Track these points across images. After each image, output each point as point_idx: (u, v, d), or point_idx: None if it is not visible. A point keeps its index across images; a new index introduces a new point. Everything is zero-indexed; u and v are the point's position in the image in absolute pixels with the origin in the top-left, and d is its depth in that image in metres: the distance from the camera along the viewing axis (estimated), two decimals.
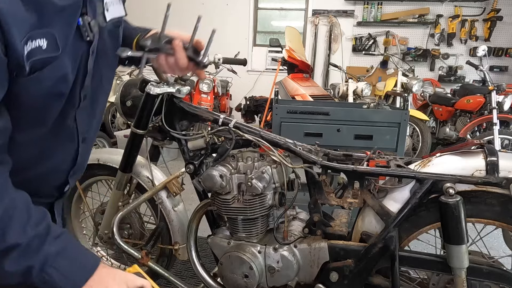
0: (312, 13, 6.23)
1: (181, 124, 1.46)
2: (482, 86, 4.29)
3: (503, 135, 3.71)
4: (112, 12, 0.79)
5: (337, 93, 4.55)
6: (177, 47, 0.88)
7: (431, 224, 1.17)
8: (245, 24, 6.46)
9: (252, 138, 1.29)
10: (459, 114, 4.41)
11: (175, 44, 0.86)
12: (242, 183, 1.29)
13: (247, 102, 5.10)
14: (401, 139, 2.21)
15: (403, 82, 4.45)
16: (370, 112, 2.33)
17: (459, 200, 1.05)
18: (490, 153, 1.09)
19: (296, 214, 1.40)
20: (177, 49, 0.88)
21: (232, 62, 1.87)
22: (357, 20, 6.09)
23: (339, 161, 1.33)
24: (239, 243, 1.34)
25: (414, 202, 1.13)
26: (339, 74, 5.49)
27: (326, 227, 1.30)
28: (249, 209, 1.28)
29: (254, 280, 1.29)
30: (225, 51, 3.45)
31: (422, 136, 4.10)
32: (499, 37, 5.76)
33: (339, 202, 1.28)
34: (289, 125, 2.26)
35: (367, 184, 1.24)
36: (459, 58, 5.90)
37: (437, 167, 1.15)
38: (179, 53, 0.87)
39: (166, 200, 1.61)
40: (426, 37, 5.97)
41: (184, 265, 2.03)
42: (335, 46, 6.20)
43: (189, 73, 1.10)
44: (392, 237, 1.15)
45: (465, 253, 1.07)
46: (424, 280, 1.28)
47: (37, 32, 0.61)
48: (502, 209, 1.10)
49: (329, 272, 1.25)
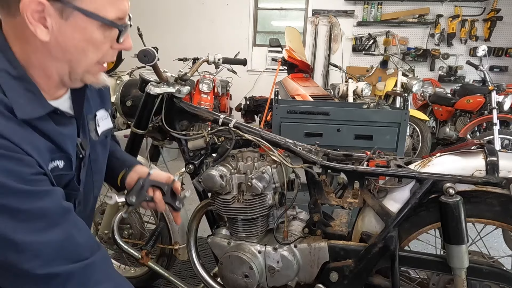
0: (312, 13, 6.23)
1: (181, 124, 1.46)
2: (482, 86, 4.28)
3: (503, 135, 3.70)
4: (102, 126, 0.94)
5: (337, 93, 4.54)
6: (157, 200, 1.00)
7: (431, 224, 1.17)
8: (245, 24, 6.46)
9: (252, 138, 1.29)
10: (459, 114, 4.40)
11: (155, 197, 0.99)
12: (242, 183, 1.29)
13: (247, 102, 5.10)
14: (401, 139, 2.21)
15: (403, 82, 4.45)
16: (370, 112, 2.33)
17: (459, 200, 1.05)
18: (490, 153, 1.09)
19: (296, 214, 1.40)
20: (157, 201, 1.00)
21: (232, 62, 1.86)
22: (357, 20, 6.09)
23: (339, 161, 1.33)
24: (239, 243, 1.34)
25: (414, 202, 1.13)
26: (339, 74, 5.49)
27: (326, 227, 1.30)
28: (249, 209, 1.28)
29: (254, 280, 1.29)
30: (225, 51, 3.45)
31: (422, 136, 4.09)
32: (499, 37, 5.76)
33: (339, 202, 1.28)
34: (289, 125, 2.26)
35: (367, 184, 1.24)
36: (459, 58, 5.90)
37: (437, 167, 1.15)
38: (159, 203, 1.00)
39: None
40: (426, 37, 5.96)
41: (184, 265, 2.03)
42: (335, 46, 6.19)
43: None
44: (392, 237, 1.15)
45: (465, 253, 1.07)
46: (424, 280, 1.28)
47: (56, 155, 0.76)
48: (502, 209, 1.10)
49: (329, 272, 1.25)
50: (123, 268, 1.89)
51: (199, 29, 6.52)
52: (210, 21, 6.51)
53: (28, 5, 0.64)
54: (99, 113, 0.94)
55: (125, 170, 1.06)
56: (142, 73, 1.44)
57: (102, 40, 0.74)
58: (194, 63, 2.20)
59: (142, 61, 1.24)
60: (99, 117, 0.94)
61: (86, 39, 0.72)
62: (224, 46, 6.25)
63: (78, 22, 0.69)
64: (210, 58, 1.64)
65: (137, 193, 0.96)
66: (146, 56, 1.23)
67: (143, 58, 1.24)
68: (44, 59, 0.72)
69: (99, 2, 0.69)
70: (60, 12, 0.67)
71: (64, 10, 0.67)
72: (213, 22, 6.51)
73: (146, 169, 1.06)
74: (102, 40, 0.74)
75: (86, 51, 0.74)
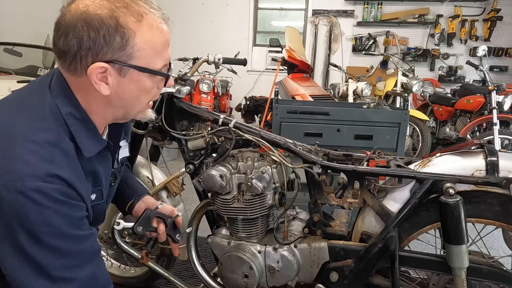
0: (312, 13, 6.23)
1: (181, 124, 1.46)
2: (482, 86, 4.28)
3: (503, 135, 3.70)
4: (121, 154, 1.04)
5: (337, 93, 4.54)
6: (160, 231, 1.09)
7: (431, 224, 1.17)
8: (245, 24, 6.46)
9: (252, 138, 1.29)
10: (459, 114, 4.40)
11: (159, 228, 1.08)
12: (242, 183, 1.29)
13: (247, 102, 5.10)
14: (401, 139, 2.21)
15: (403, 82, 4.44)
16: (370, 112, 2.33)
17: (459, 200, 1.05)
18: (490, 153, 1.09)
19: (296, 214, 1.40)
20: (160, 232, 1.09)
21: (232, 62, 1.86)
22: (357, 20, 6.09)
23: (339, 161, 1.33)
24: (239, 243, 1.34)
25: (414, 202, 1.13)
26: (339, 74, 5.48)
27: (326, 227, 1.30)
28: (249, 209, 1.28)
29: (254, 280, 1.29)
30: (225, 51, 3.45)
31: (422, 136, 4.09)
32: (499, 37, 5.76)
33: (339, 202, 1.28)
34: (289, 125, 2.26)
35: (367, 184, 1.24)
36: (459, 58, 5.90)
37: (437, 167, 1.15)
38: (161, 235, 1.09)
39: (166, 200, 1.61)
40: (426, 37, 5.96)
41: (184, 265, 2.03)
42: (335, 46, 6.19)
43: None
44: (392, 237, 1.15)
45: (465, 253, 1.07)
46: (424, 280, 1.28)
47: (95, 188, 0.87)
48: (502, 209, 1.10)
49: (329, 272, 1.25)
50: (123, 268, 1.89)
51: (199, 29, 6.52)
52: (210, 21, 6.51)
53: (94, 70, 0.75)
54: (122, 143, 1.04)
55: (134, 199, 1.14)
56: None
57: (152, 86, 0.84)
58: (194, 63, 2.20)
59: None
60: (122, 146, 1.04)
61: (140, 88, 0.82)
62: (224, 46, 6.25)
63: (134, 76, 0.79)
64: (210, 58, 1.64)
65: (143, 224, 1.05)
66: None
67: None
68: (103, 107, 0.83)
69: (149, 57, 0.79)
70: (119, 71, 0.78)
71: (122, 69, 0.77)
72: (213, 22, 6.51)
73: (153, 201, 1.15)
74: (152, 86, 0.84)
75: (140, 98, 0.84)
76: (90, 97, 0.80)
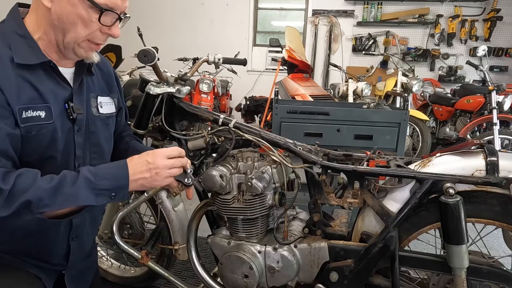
0: (312, 13, 6.23)
1: (181, 124, 1.46)
2: (482, 86, 4.28)
3: (503, 135, 3.70)
4: (105, 109, 1.14)
5: (337, 93, 4.54)
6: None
7: (431, 224, 1.17)
8: (245, 24, 6.46)
9: (252, 138, 1.29)
10: (459, 114, 4.40)
11: None
12: (242, 183, 1.29)
13: (247, 102, 5.09)
14: (401, 139, 2.21)
15: (403, 82, 4.44)
16: (370, 112, 2.33)
17: (459, 200, 1.05)
18: (490, 153, 1.09)
19: (296, 214, 1.40)
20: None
21: (232, 62, 1.86)
22: (357, 20, 6.09)
23: (339, 161, 1.33)
24: (239, 243, 1.34)
25: (414, 202, 1.13)
26: (339, 74, 5.48)
27: (326, 227, 1.30)
28: (249, 209, 1.28)
29: (254, 280, 1.29)
30: (225, 51, 3.44)
31: (422, 136, 4.09)
32: (499, 37, 5.76)
33: (339, 202, 1.28)
34: (289, 125, 2.26)
35: (367, 184, 1.24)
36: (459, 58, 5.90)
37: (437, 167, 1.15)
38: (171, 182, 1.08)
39: (166, 200, 1.61)
40: (426, 37, 5.96)
41: (184, 265, 2.03)
42: (335, 46, 6.19)
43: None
44: (392, 237, 1.15)
45: (465, 253, 1.07)
46: (424, 280, 1.28)
47: (38, 104, 0.93)
48: (502, 209, 1.10)
49: (329, 272, 1.25)
50: (123, 268, 1.89)
51: (199, 29, 6.52)
52: (210, 21, 6.51)
53: None
54: (102, 98, 1.13)
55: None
56: (142, 73, 1.44)
57: (90, 19, 0.93)
58: (194, 63, 2.20)
59: (142, 61, 1.24)
60: (102, 101, 1.13)
61: (76, 13, 0.92)
62: (224, 46, 6.25)
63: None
64: (210, 58, 1.64)
65: None
66: (146, 56, 1.23)
67: (143, 58, 1.24)
68: (47, 26, 0.94)
69: None
70: None
71: None
72: (213, 22, 6.51)
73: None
74: (89, 19, 0.93)
75: (75, 24, 0.93)
76: (39, 13, 0.94)
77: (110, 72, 1.22)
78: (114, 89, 1.22)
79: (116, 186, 0.93)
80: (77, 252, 1.13)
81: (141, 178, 0.96)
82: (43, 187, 0.85)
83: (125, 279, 1.85)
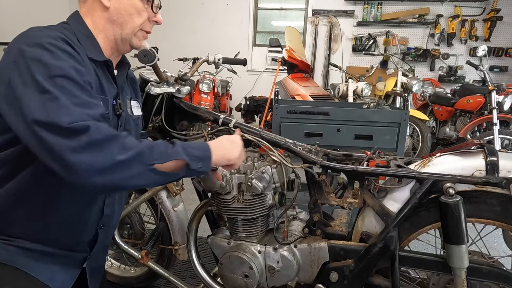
0: (312, 13, 6.23)
1: (181, 124, 1.46)
2: (482, 86, 4.28)
3: (503, 135, 3.70)
4: (135, 112, 1.21)
5: (337, 93, 4.54)
6: None
7: (431, 224, 1.17)
8: (245, 24, 6.46)
9: (252, 138, 1.29)
10: (459, 114, 4.40)
11: None
12: (242, 183, 1.29)
13: (247, 102, 5.10)
14: (401, 139, 2.21)
15: (403, 82, 4.44)
16: (370, 112, 2.33)
17: (459, 200, 1.05)
18: (490, 153, 1.09)
19: (296, 214, 1.40)
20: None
21: (232, 62, 1.86)
22: (357, 20, 6.09)
23: (339, 161, 1.33)
24: (239, 243, 1.34)
25: (414, 202, 1.13)
26: (339, 74, 5.49)
27: (326, 227, 1.30)
28: (249, 209, 1.28)
29: (254, 280, 1.29)
30: (225, 51, 3.45)
31: (422, 136, 4.09)
32: (499, 37, 5.76)
33: (339, 202, 1.28)
34: (289, 125, 2.26)
35: (367, 184, 1.24)
36: (459, 58, 5.90)
37: (437, 167, 1.15)
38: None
39: (166, 200, 1.61)
40: (426, 37, 5.97)
41: (184, 265, 2.03)
42: (335, 46, 6.20)
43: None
44: (392, 237, 1.15)
45: (465, 253, 1.07)
46: (424, 280, 1.28)
47: (103, 97, 1.00)
48: (502, 209, 1.10)
49: (329, 272, 1.25)
50: (123, 268, 1.89)
51: (199, 29, 6.52)
52: (210, 21, 6.51)
53: None
54: (133, 102, 1.21)
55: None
56: (142, 73, 1.44)
57: (142, 8, 1.05)
58: (194, 63, 2.20)
59: (142, 61, 1.24)
60: (133, 104, 1.20)
61: (132, 4, 1.03)
62: (224, 46, 6.25)
63: None
64: (210, 58, 1.64)
65: None
66: (146, 56, 1.23)
67: (143, 58, 1.23)
68: (105, 24, 1.04)
69: None
70: None
71: None
72: (213, 22, 6.51)
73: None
74: (142, 8, 1.05)
75: (132, 15, 1.04)
76: (95, 15, 1.03)
77: (134, 78, 1.31)
78: (138, 94, 1.31)
79: (202, 156, 0.98)
80: (102, 241, 1.15)
81: (223, 149, 1.06)
82: (150, 144, 0.91)
83: (125, 279, 1.85)
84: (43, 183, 0.94)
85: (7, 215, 0.96)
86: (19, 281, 0.95)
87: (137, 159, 0.85)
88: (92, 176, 0.79)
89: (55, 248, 1.03)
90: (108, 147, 0.81)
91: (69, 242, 1.06)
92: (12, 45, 0.88)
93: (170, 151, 0.91)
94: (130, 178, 0.84)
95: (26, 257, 0.98)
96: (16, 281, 0.95)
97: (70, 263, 1.08)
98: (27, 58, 0.83)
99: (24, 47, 0.85)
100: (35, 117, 0.79)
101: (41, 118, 0.79)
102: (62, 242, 1.04)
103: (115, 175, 0.82)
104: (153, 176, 0.88)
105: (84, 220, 1.07)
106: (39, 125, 0.79)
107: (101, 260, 1.23)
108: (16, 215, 0.96)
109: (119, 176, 0.82)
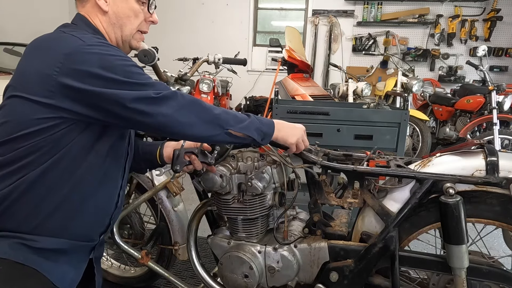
0: (312, 13, 6.23)
1: None
2: (482, 86, 4.28)
3: (503, 135, 3.70)
4: None
5: (337, 93, 4.54)
6: (194, 161, 1.22)
7: (431, 224, 1.17)
8: (245, 24, 6.46)
9: None
10: (459, 114, 4.40)
11: (192, 159, 1.21)
12: (242, 183, 1.29)
13: (247, 102, 5.10)
14: (401, 139, 2.21)
15: (403, 82, 4.44)
16: (370, 112, 2.33)
17: (459, 200, 1.05)
18: (490, 153, 1.09)
19: (296, 214, 1.40)
20: (195, 162, 1.22)
21: (232, 62, 1.86)
22: (357, 20, 6.09)
23: (339, 161, 1.33)
24: (239, 243, 1.34)
25: (414, 202, 1.13)
26: (339, 74, 5.49)
27: (326, 227, 1.30)
28: (249, 209, 1.28)
29: (254, 280, 1.29)
30: (225, 51, 3.44)
31: (422, 136, 4.09)
32: (499, 37, 5.76)
33: (339, 202, 1.28)
34: None
35: (367, 184, 1.24)
36: (459, 58, 5.90)
37: (437, 167, 1.15)
38: (196, 164, 1.22)
39: (166, 200, 1.61)
40: (426, 37, 5.97)
41: (184, 265, 2.03)
42: (335, 46, 6.20)
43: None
44: (392, 237, 1.15)
45: (465, 253, 1.07)
46: (424, 280, 1.28)
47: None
48: (502, 209, 1.10)
49: (329, 272, 1.25)
50: (123, 268, 1.89)
51: (199, 29, 6.52)
52: (210, 21, 6.51)
53: None
54: None
55: (159, 146, 1.30)
56: None
57: (139, 10, 1.09)
58: (194, 63, 2.20)
59: (142, 61, 1.25)
60: None
61: (129, 7, 1.07)
62: (224, 46, 6.25)
63: None
64: (210, 58, 1.64)
65: (178, 162, 1.18)
66: (146, 56, 1.23)
67: (143, 58, 1.24)
68: (107, 27, 1.07)
69: None
70: None
71: None
72: (213, 22, 6.51)
73: (174, 143, 1.29)
74: (138, 10, 1.08)
75: (129, 17, 1.08)
76: (97, 20, 1.06)
77: None
78: None
79: (267, 132, 1.10)
80: (109, 230, 1.20)
81: (284, 131, 1.14)
82: (227, 111, 1.04)
83: (125, 279, 1.85)
84: (76, 174, 0.98)
85: (24, 210, 0.95)
86: (29, 280, 0.95)
87: (215, 121, 0.99)
88: (185, 128, 0.96)
89: (72, 240, 1.03)
90: (193, 108, 0.97)
91: (89, 233, 1.09)
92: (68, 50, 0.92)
93: (242, 125, 1.04)
94: (210, 136, 1.01)
95: (37, 255, 0.97)
96: (26, 280, 0.94)
97: (79, 256, 1.09)
98: (93, 58, 0.91)
99: (86, 48, 0.92)
100: (131, 97, 0.90)
101: (135, 96, 0.91)
102: (82, 234, 1.06)
103: (201, 130, 0.98)
104: (226, 137, 1.03)
105: (106, 211, 1.12)
106: (136, 102, 0.91)
107: (103, 250, 1.27)
108: (40, 208, 0.96)
109: (201, 131, 0.98)
